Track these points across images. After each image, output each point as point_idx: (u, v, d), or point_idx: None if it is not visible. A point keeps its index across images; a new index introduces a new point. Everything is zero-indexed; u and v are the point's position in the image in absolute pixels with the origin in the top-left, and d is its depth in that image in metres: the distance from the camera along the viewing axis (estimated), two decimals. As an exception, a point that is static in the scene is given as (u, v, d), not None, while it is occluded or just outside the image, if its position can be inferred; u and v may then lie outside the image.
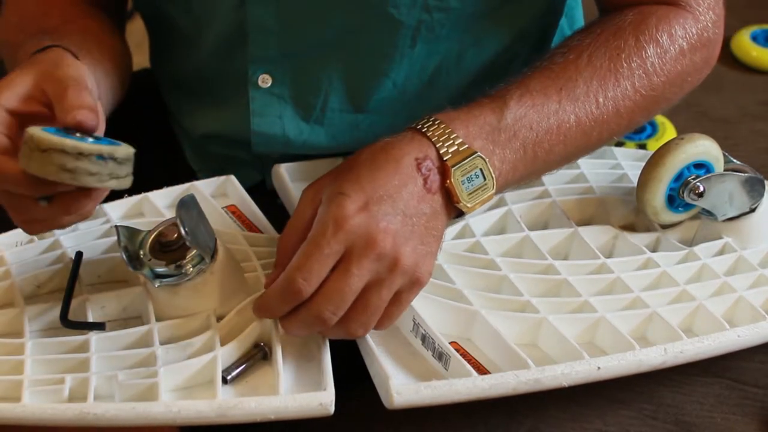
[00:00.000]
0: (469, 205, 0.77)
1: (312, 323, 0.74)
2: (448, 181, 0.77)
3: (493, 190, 0.78)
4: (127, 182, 0.72)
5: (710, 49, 0.90)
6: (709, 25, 0.89)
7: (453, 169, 0.76)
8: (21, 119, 0.74)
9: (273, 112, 0.92)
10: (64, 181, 0.69)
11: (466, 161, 0.77)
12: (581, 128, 0.83)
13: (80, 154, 0.69)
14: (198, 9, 0.92)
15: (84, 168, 0.69)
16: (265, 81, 0.91)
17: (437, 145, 0.77)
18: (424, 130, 0.78)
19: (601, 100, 0.83)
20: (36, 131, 0.69)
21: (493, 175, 0.78)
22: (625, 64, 0.84)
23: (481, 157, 0.77)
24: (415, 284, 0.75)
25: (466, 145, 0.77)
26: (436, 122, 0.78)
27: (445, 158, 0.77)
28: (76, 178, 0.69)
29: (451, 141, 0.77)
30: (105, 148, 0.70)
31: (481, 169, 0.77)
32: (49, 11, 0.92)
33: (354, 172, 0.75)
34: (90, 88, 0.74)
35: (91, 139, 0.71)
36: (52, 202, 0.72)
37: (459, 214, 0.79)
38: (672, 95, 0.89)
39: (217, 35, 0.93)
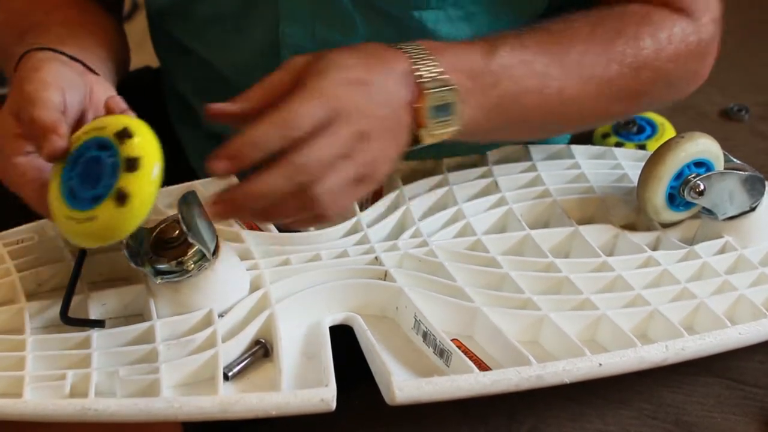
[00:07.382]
0: (431, 133, 0.76)
1: (292, 175, 0.70)
2: (419, 104, 0.75)
3: (457, 127, 0.77)
4: None
5: (704, 61, 0.90)
6: (708, 38, 0.88)
7: (426, 93, 0.75)
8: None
9: None
10: None
11: (439, 90, 0.76)
12: (561, 97, 0.82)
13: None
14: (232, 25, 0.92)
15: None
16: None
17: (413, 66, 0.76)
18: (405, 51, 0.77)
19: (586, 76, 0.83)
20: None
21: (459, 114, 0.77)
22: (619, 49, 0.84)
23: (456, 91, 0.76)
24: (369, 180, 0.73)
25: (445, 75, 0.76)
26: (420, 47, 0.77)
27: (419, 81, 0.75)
28: None
29: (431, 67, 0.76)
30: None
31: (451, 104, 0.76)
32: (34, 6, 0.91)
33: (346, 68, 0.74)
34: (49, 100, 0.73)
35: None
36: None
37: (414, 142, 0.77)
38: (656, 95, 0.89)
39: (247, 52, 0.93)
